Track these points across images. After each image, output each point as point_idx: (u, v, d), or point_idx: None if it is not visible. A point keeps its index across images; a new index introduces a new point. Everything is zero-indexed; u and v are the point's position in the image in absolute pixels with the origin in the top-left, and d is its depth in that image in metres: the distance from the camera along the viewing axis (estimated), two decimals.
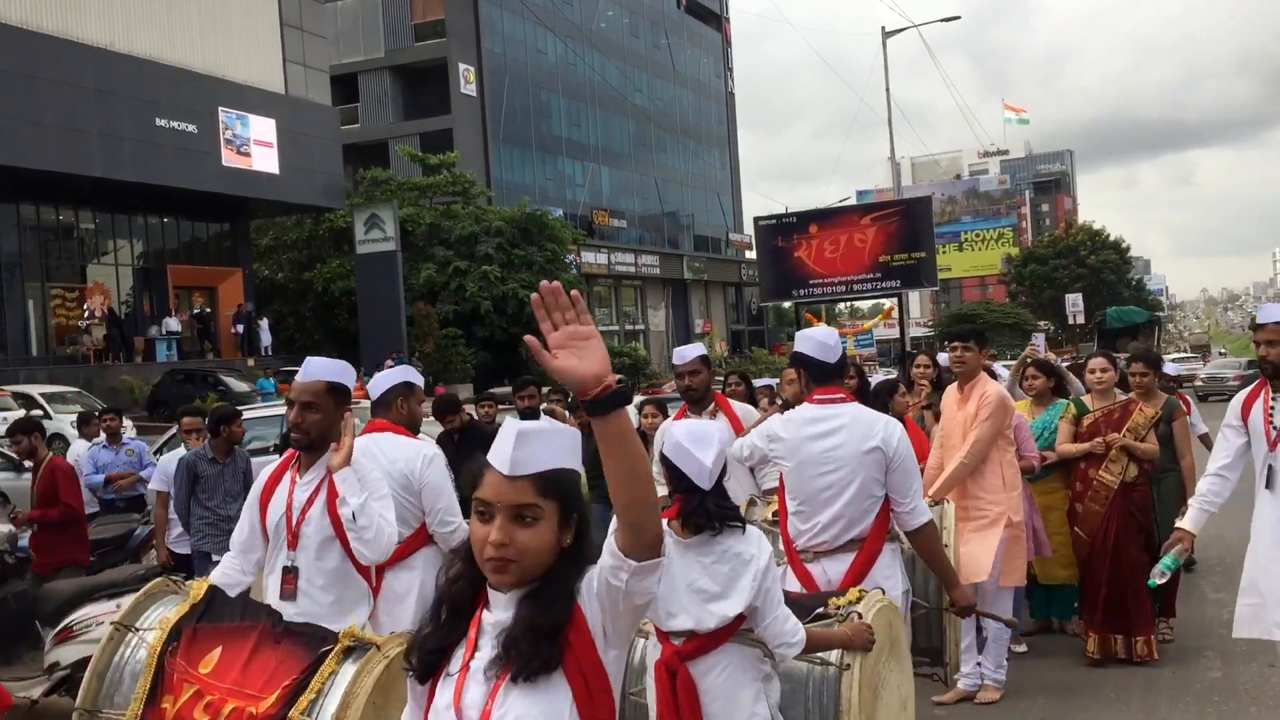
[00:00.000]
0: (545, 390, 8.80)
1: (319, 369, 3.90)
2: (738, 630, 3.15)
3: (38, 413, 19.47)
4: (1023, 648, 6.76)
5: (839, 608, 3.51)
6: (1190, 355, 56.58)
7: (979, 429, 5.67)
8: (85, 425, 10.94)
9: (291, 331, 37.59)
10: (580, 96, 53.59)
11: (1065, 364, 8.65)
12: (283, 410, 8.07)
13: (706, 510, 3.10)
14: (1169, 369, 9.42)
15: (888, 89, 38.55)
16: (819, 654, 3.37)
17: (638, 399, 12.94)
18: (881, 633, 3.50)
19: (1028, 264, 68.49)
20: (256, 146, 31.68)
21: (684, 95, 62.67)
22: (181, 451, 7.77)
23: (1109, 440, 6.45)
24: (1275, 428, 4.54)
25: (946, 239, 73.65)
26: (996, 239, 73.07)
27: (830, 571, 4.10)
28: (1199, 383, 38.83)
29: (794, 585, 4.09)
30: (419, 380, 4.75)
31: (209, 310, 33.07)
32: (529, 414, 7.36)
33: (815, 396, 4.25)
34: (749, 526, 3.21)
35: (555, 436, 2.10)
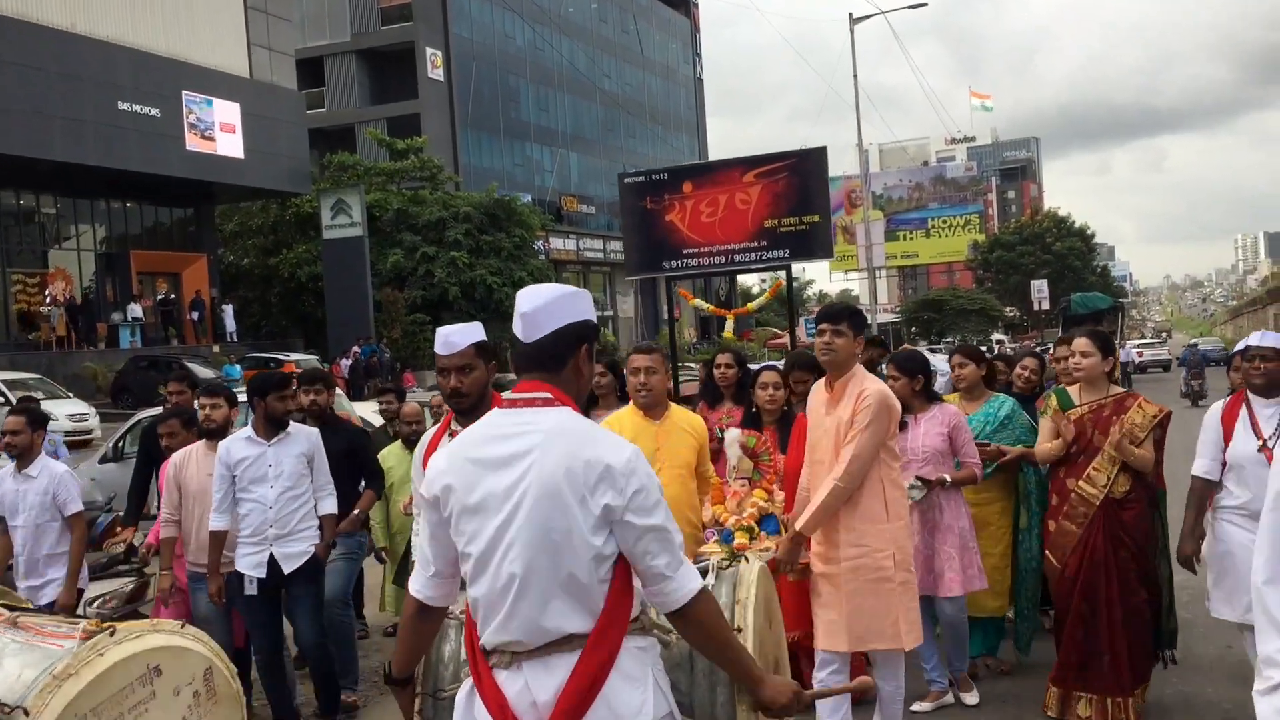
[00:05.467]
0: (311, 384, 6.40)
1: None
2: None
3: None
4: (974, 698, 5.45)
5: None
6: (1154, 340, 57.87)
7: (857, 440, 4.33)
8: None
9: (258, 318, 37.33)
10: (548, 82, 53.38)
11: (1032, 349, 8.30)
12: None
13: None
14: (1125, 354, 8.90)
15: (855, 76, 38.62)
16: None
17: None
18: None
19: (994, 250, 69.06)
20: (221, 131, 31.36)
21: (652, 81, 62.58)
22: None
23: (1087, 445, 5.03)
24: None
25: (914, 225, 74.13)
26: (963, 225, 73.48)
27: (537, 688, 2.34)
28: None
29: (481, 713, 2.38)
30: None
31: (173, 296, 32.78)
32: (288, 416, 5.57)
33: (505, 396, 2.52)
34: None
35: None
